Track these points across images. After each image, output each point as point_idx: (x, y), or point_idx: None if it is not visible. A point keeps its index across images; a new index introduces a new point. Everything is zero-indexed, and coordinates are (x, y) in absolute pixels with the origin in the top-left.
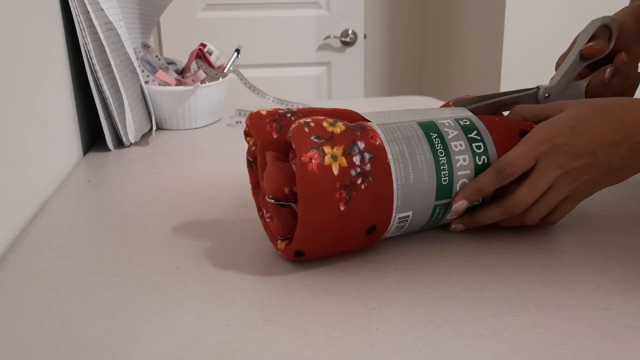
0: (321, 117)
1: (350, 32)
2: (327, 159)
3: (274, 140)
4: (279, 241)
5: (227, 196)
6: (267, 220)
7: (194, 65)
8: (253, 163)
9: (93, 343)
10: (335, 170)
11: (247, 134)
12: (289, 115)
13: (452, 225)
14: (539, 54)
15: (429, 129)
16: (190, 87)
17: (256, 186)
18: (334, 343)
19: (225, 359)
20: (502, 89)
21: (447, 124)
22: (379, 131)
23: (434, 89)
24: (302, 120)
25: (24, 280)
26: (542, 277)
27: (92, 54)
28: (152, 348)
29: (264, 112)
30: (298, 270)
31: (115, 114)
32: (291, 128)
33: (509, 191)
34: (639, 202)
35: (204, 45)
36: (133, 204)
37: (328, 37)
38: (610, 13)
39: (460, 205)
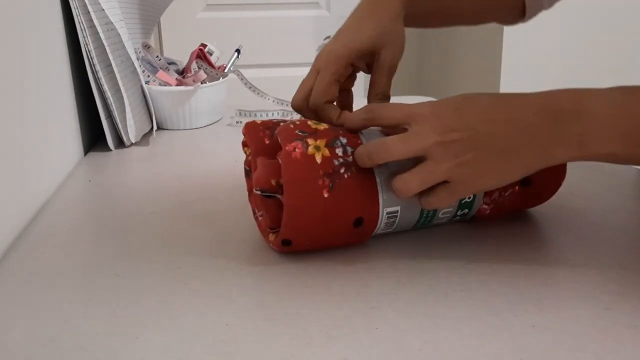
0: (306, 120)
1: None
2: (311, 149)
3: (265, 145)
4: (270, 234)
5: (228, 196)
6: (260, 219)
7: (194, 66)
8: (250, 172)
9: (93, 343)
10: (319, 159)
11: (244, 144)
12: (281, 124)
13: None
14: (539, 54)
15: None
16: (191, 87)
17: (252, 193)
18: (334, 343)
19: (225, 359)
20: (502, 89)
21: None
22: (360, 134)
23: (434, 89)
24: (289, 121)
25: (25, 280)
26: (542, 277)
27: (93, 54)
28: (152, 348)
29: (258, 122)
30: (298, 270)
31: (116, 113)
32: (278, 128)
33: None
34: (639, 202)
35: (204, 46)
36: (134, 204)
37: (328, 37)
38: (611, 12)
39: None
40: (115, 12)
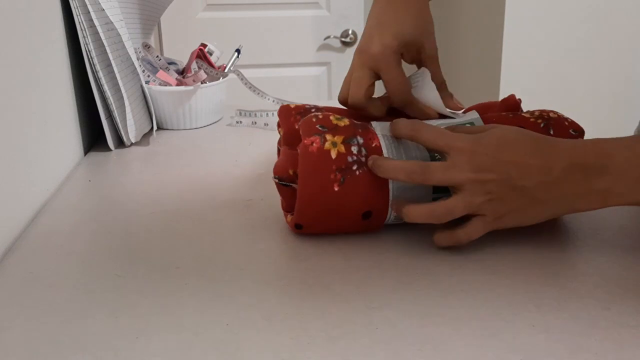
0: (330, 113)
1: (350, 32)
2: (327, 145)
3: (295, 130)
4: (288, 215)
5: (228, 196)
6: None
7: (194, 65)
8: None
9: (93, 343)
10: (334, 154)
11: (279, 125)
12: (313, 110)
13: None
14: (539, 55)
15: None
16: (191, 87)
17: None
18: (334, 343)
19: (226, 359)
20: (502, 90)
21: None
22: (378, 134)
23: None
24: (312, 114)
25: (25, 280)
26: (542, 277)
27: (93, 53)
28: (153, 348)
29: (292, 106)
30: (299, 270)
31: (116, 113)
32: (302, 119)
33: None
34: None
35: (204, 45)
36: (133, 204)
37: (328, 37)
38: (612, 12)
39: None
40: (115, 12)
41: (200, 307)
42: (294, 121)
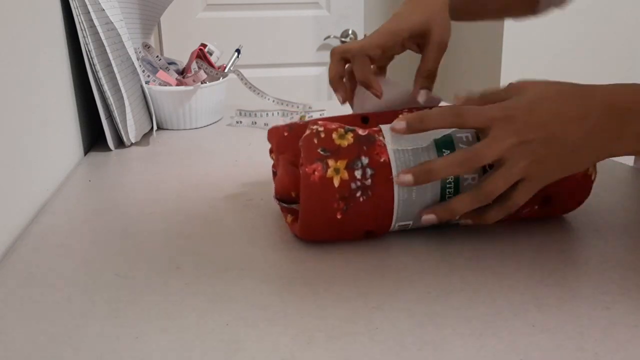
0: (334, 127)
1: (350, 32)
2: (330, 172)
3: (284, 137)
4: (288, 216)
5: (228, 196)
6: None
7: (194, 66)
8: (277, 173)
9: (93, 343)
10: (336, 182)
11: (270, 151)
12: (299, 121)
13: (423, 217)
14: (539, 54)
15: (444, 145)
16: (191, 87)
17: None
18: (334, 343)
19: (226, 359)
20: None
21: (464, 139)
22: (388, 148)
23: (434, 89)
24: (314, 128)
25: (25, 280)
26: (542, 276)
27: (93, 54)
28: (153, 348)
29: (279, 125)
30: (298, 270)
31: (116, 113)
32: (303, 135)
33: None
34: (639, 202)
35: (204, 46)
36: (133, 204)
37: (328, 37)
38: (611, 12)
39: (428, 218)
40: (115, 12)
41: (200, 307)
42: (283, 130)
